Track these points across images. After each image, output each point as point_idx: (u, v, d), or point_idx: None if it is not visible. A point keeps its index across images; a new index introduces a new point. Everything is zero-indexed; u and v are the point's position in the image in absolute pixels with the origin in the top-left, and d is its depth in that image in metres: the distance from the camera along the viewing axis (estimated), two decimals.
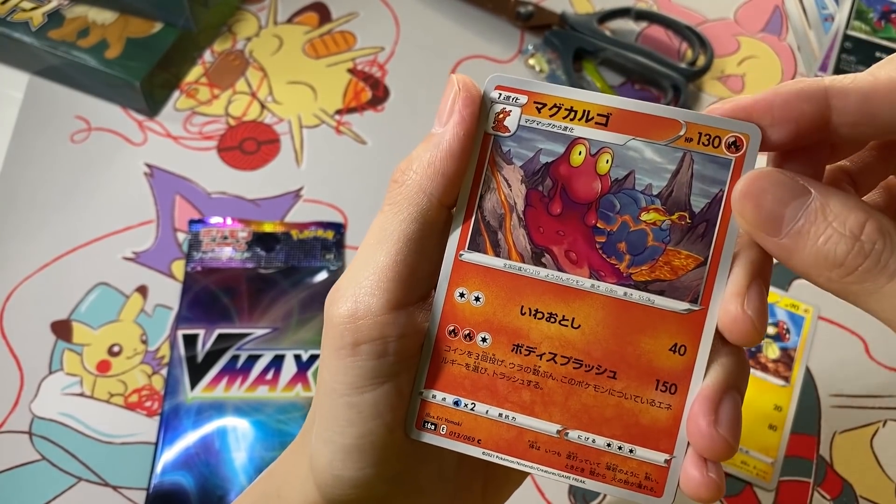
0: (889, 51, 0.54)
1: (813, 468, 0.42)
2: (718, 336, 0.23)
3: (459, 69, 0.57)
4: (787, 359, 0.45)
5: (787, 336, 0.46)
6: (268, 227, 0.48)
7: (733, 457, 0.42)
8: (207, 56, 0.57)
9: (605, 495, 0.41)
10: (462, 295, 0.24)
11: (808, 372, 0.45)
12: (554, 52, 0.57)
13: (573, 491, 0.41)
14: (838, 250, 0.20)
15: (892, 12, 0.55)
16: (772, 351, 0.45)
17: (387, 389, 0.23)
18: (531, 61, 0.57)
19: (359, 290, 0.23)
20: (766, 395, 0.44)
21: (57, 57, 0.53)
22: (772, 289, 0.47)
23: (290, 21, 0.59)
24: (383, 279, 0.23)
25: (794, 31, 0.60)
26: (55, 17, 0.55)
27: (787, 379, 0.45)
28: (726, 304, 0.22)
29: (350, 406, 0.23)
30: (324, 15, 0.59)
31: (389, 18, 0.59)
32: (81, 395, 0.43)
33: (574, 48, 0.56)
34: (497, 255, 0.24)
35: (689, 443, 0.23)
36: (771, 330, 0.46)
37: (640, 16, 0.59)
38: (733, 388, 0.23)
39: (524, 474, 0.30)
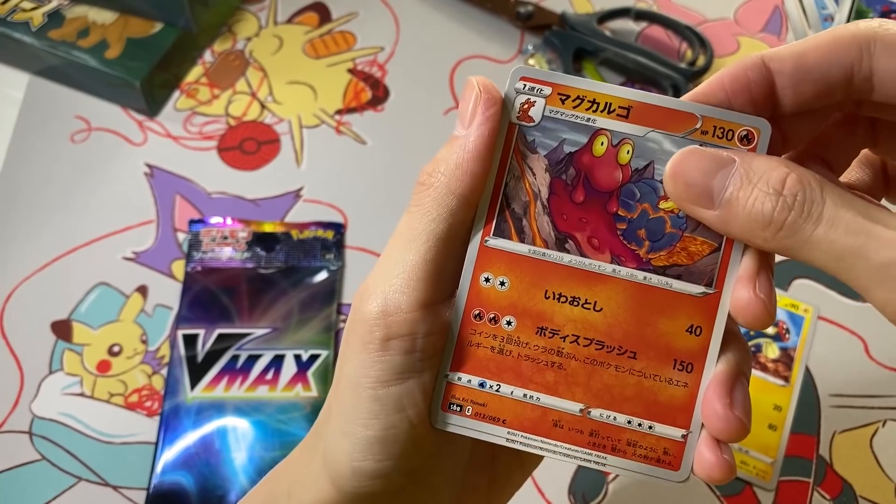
0: None
1: (813, 468, 0.42)
2: (726, 327, 0.24)
3: (459, 69, 0.57)
4: (786, 359, 0.45)
5: (787, 336, 0.46)
6: (268, 227, 0.48)
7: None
8: (207, 56, 0.57)
9: (605, 494, 0.41)
10: (487, 280, 0.25)
11: (807, 372, 0.45)
12: (554, 52, 0.57)
13: (573, 490, 0.41)
14: (765, 208, 0.21)
15: (891, 12, 0.55)
16: (771, 351, 0.45)
17: (411, 385, 0.24)
18: (531, 61, 0.57)
19: (389, 288, 0.24)
20: (765, 394, 0.44)
21: (57, 57, 0.53)
22: None
23: (290, 21, 0.59)
24: (413, 277, 0.24)
25: (793, 31, 0.60)
26: (55, 17, 0.55)
27: (786, 379, 0.45)
28: (738, 290, 0.24)
29: (375, 399, 0.24)
30: (324, 15, 0.59)
31: (389, 18, 0.60)
32: (81, 395, 0.43)
33: (574, 48, 0.56)
34: (522, 241, 0.25)
35: (703, 426, 0.24)
36: (770, 330, 0.46)
37: (640, 16, 0.59)
38: (742, 374, 0.24)
39: (526, 474, 0.31)
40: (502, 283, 0.25)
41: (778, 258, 0.24)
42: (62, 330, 0.45)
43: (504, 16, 0.59)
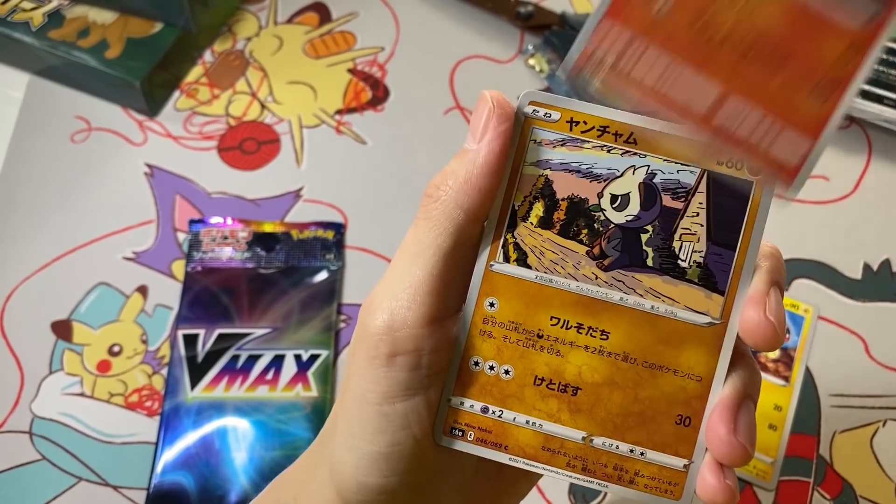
0: (888, 50, 0.54)
1: (813, 468, 0.42)
2: (734, 349, 0.24)
3: (459, 69, 0.57)
4: (787, 359, 0.45)
5: (787, 336, 0.46)
6: (268, 227, 0.48)
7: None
8: (207, 56, 0.57)
9: (604, 495, 0.41)
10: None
11: (808, 372, 0.45)
12: (554, 52, 0.57)
13: (573, 491, 0.41)
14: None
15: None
16: (772, 351, 0.45)
17: (417, 402, 0.24)
18: (531, 61, 0.57)
19: (395, 303, 0.24)
20: (766, 394, 0.44)
21: (57, 57, 0.53)
22: None
23: (290, 21, 0.59)
24: (419, 293, 0.23)
25: None
26: (55, 18, 0.55)
27: (787, 379, 0.45)
28: (747, 312, 0.23)
29: (381, 415, 0.24)
30: (324, 15, 0.59)
31: (389, 18, 0.59)
32: (82, 395, 0.43)
33: None
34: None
35: (706, 450, 0.24)
36: None
37: None
38: (748, 397, 0.24)
39: (531, 485, 0.31)
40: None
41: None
42: (62, 330, 0.45)
43: (504, 16, 0.59)
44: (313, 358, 0.44)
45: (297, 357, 0.44)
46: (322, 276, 0.47)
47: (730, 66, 0.23)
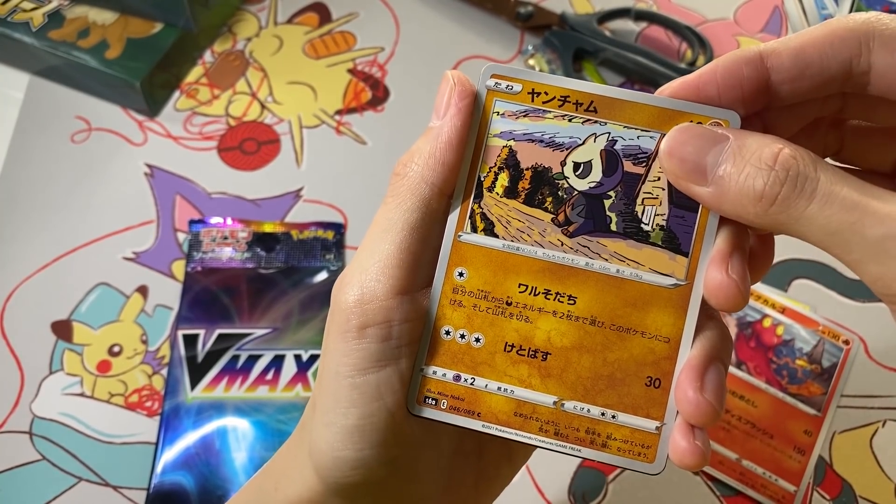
0: None
1: (812, 468, 0.42)
2: (703, 311, 0.24)
3: (459, 69, 0.57)
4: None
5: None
6: (268, 228, 0.48)
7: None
8: (207, 56, 0.57)
9: (605, 494, 0.41)
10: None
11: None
12: (554, 53, 0.57)
13: (573, 490, 0.41)
14: (756, 184, 0.21)
15: (891, 13, 0.55)
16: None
17: (389, 373, 0.24)
18: (531, 61, 0.57)
19: (365, 277, 0.24)
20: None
21: (57, 57, 0.53)
22: (770, 289, 0.47)
23: (290, 21, 0.59)
24: (388, 266, 0.24)
25: (793, 31, 0.60)
26: (55, 18, 0.55)
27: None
28: (711, 272, 0.24)
29: (353, 387, 0.24)
30: (324, 15, 0.59)
31: (389, 19, 0.60)
32: (82, 395, 0.43)
33: (574, 48, 0.57)
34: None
35: (677, 413, 0.24)
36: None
37: (640, 16, 0.59)
38: (717, 359, 0.24)
39: (515, 470, 0.31)
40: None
41: (777, 258, 0.24)
42: (62, 330, 0.45)
43: (504, 16, 0.59)
44: (313, 358, 0.44)
45: (297, 357, 0.44)
46: (322, 276, 0.47)
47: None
